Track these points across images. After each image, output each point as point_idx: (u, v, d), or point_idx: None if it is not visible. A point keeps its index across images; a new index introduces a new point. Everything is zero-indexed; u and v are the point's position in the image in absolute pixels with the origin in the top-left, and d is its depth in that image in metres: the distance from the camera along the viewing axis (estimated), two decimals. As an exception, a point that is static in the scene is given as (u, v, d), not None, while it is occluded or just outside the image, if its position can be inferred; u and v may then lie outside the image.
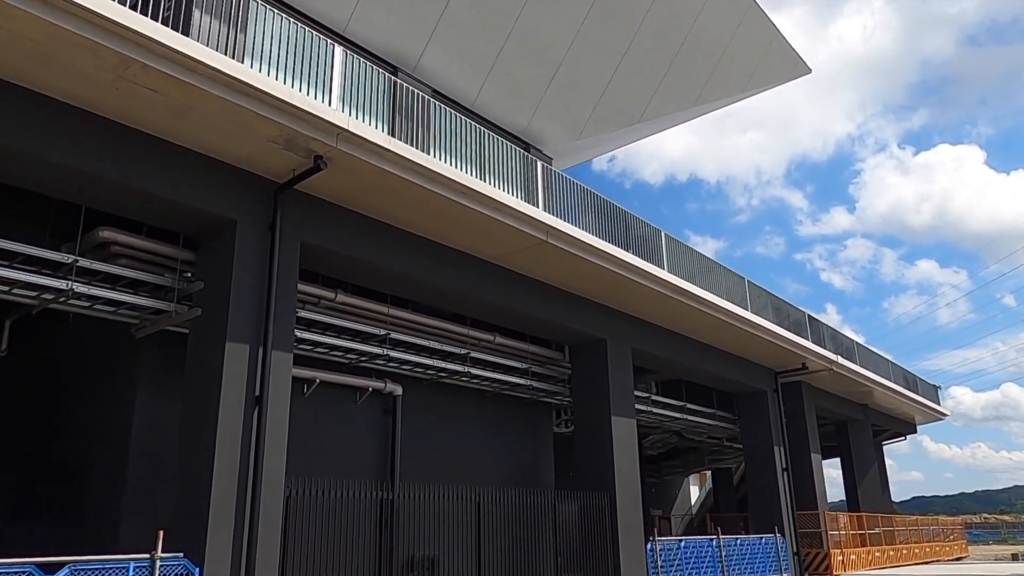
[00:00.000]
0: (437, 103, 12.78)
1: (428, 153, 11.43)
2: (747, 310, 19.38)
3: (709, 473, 41.41)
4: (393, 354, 13.51)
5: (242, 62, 9.54)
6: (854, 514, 25.45)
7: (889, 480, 37.78)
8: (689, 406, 22.01)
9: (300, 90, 9.83)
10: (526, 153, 14.00)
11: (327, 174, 10.31)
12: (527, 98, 19.31)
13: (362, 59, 10.97)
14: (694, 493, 46.11)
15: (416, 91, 12.36)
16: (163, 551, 8.23)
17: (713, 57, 22.29)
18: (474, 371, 14.78)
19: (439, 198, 11.21)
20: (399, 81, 12.14)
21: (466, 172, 12.09)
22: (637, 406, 19.34)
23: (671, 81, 21.75)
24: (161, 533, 8.21)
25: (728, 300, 18.54)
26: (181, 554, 8.43)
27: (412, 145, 11.07)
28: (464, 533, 12.85)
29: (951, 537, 36.75)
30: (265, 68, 9.77)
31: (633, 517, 15.77)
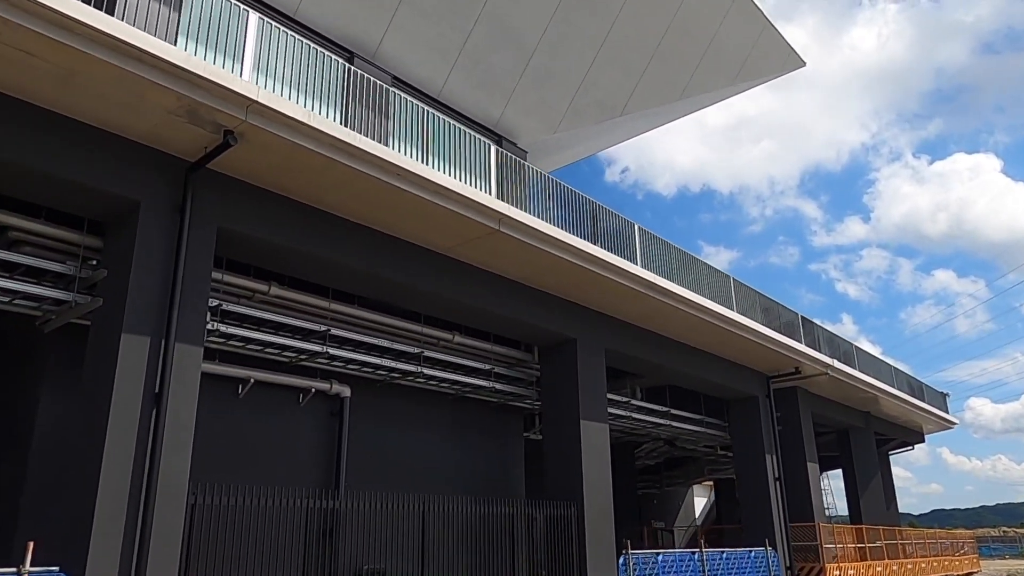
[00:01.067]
0: (394, 91, 11.91)
1: (389, 145, 10.66)
2: (732, 310, 18.33)
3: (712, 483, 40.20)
4: (336, 352, 12.60)
5: (175, 42, 8.79)
6: (852, 526, 24.17)
7: (910, 492, 36.78)
8: (674, 412, 20.91)
9: (210, 60, 9.01)
10: (479, 136, 13.08)
11: (243, 152, 9.48)
12: (499, 88, 18.45)
13: (280, 28, 10.12)
14: (699, 504, 44.77)
15: (371, 78, 11.48)
16: (36, 565, 7.35)
17: (699, 47, 21.35)
18: (428, 372, 13.82)
19: (367, 179, 10.31)
20: (353, 68, 11.27)
21: (415, 157, 11.22)
22: (615, 411, 18.36)
23: (654, 72, 20.83)
24: (31, 545, 7.30)
25: (711, 299, 17.52)
26: (57, 568, 7.53)
27: (370, 135, 10.25)
28: (412, 544, 11.91)
29: (962, 551, 35.28)
30: (192, 45, 9.03)
31: (603, 529, 14.73)
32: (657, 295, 15.62)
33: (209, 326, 10.55)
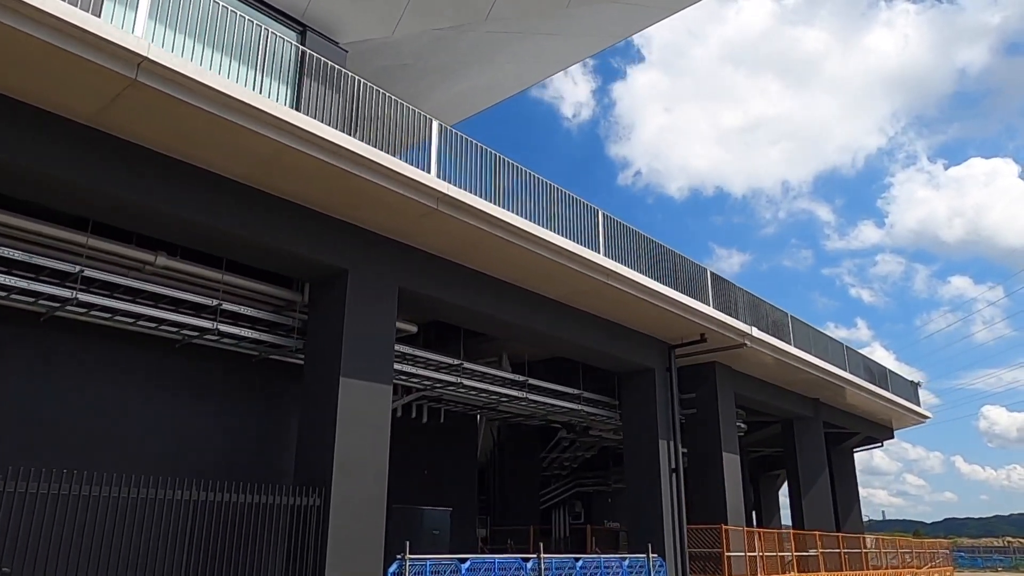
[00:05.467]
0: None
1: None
2: (597, 252, 14.34)
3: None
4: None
5: None
6: (776, 531, 20.06)
7: (923, 500, 32.66)
8: (534, 383, 16.90)
9: None
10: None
11: None
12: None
13: None
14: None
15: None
16: None
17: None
18: (85, 298, 9.87)
19: None
20: None
21: None
22: (437, 375, 14.45)
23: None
24: None
25: (566, 238, 13.58)
26: None
27: None
28: (93, 545, 8.13)
29: (936, 562, 31.12)
30: None
31: (362, 526, 10.80)
32: (463, 216, 11.67)
33: None
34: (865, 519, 29.80)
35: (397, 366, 13.89)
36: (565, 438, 25.52)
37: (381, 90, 11.83)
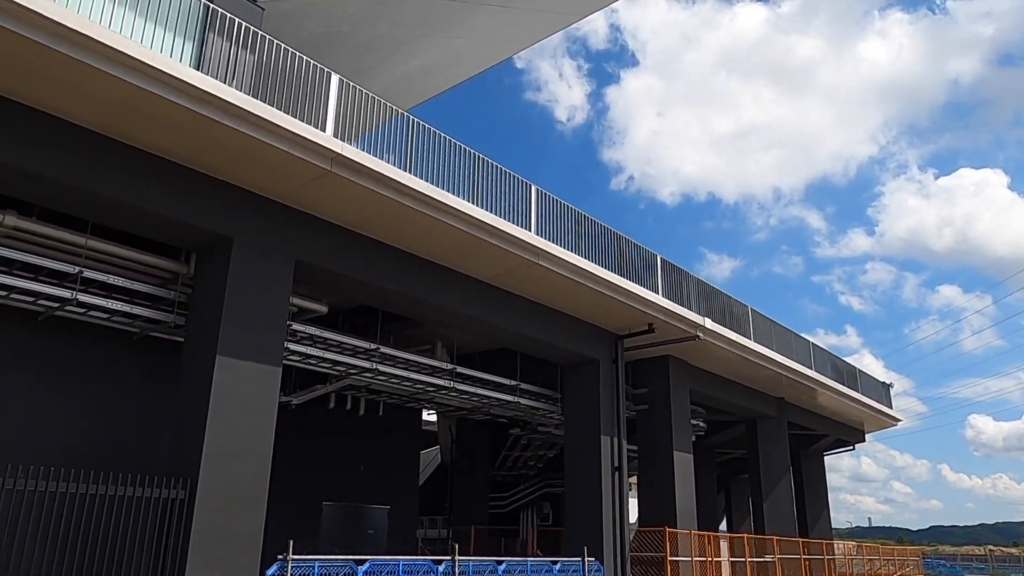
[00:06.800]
0: None
1: None
2: (528, 230, 13.21)
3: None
4: None
5: None
6: (728, 535, 18.97)
7: (909, 508, 31.55)
8: (461, 371, 15.73)
9: None
10: None
11: None
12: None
13: None
14: (634, 505, 39.66)
15: None
16: None
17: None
18: None
19: None
20: None
21: None
22: (352, 361, 13.28)
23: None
24: None
25: (496, 214, 12.46)
26: None
27: None
28: None
29: (906, 569, 30.15)
30: None
31: (236, 522, 9.60)
32: (363, 181, 10.51)
33: None
34: (851, 525, 29.06)
35: (304, 349, 12.73)
36: (515, 435, 24.36)
37: (289, 48, 10.70)
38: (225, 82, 9.38)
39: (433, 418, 26.48)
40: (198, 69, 9.76)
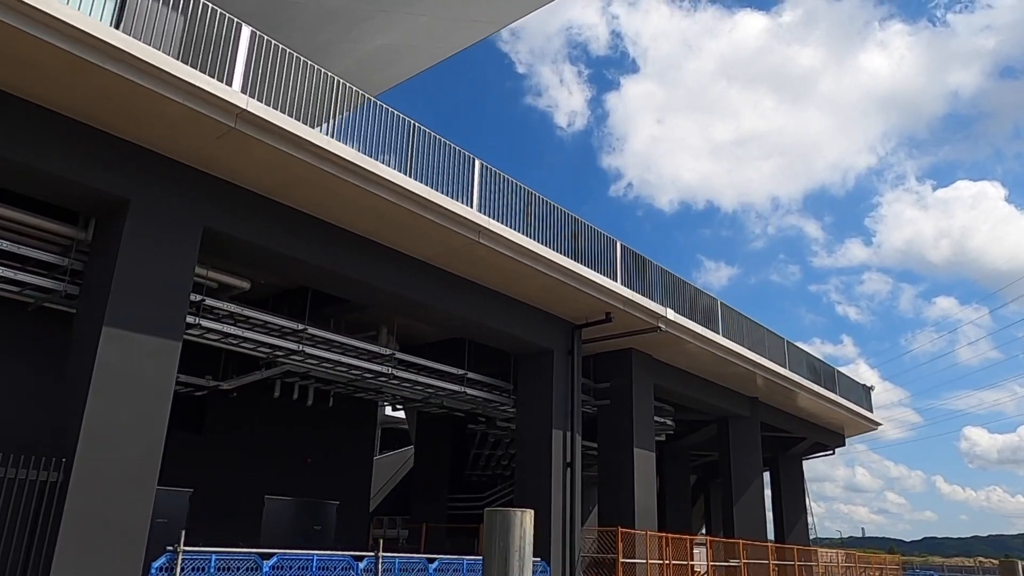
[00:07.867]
0: None
1: None
2: (469, 207, 12.38)
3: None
4: None
5: None
6: (682, 536, 18.11)
7: (903, 519, 30.89)
8: (401, 356, 14.87)
9: None
10: None
11: None
12: None
13: None
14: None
15: None
16: None
17: None
18: None
19: None
20: None
21: None
22: (278, 342, 12.43)
23: None
24: None
25: (435, 189, 11.65)
26: None
27: None
28: None
29: (886, 579, 29.32)
30: None
31: (118, 509, 8.74)
32: (271, 140, 9.67)
33: None
34: (845, 535, 28.23)
35: (220, 327, 11.87)
36: (478, 430, 23.47)
37: (220, 10, 9.88)
38: (151, 44, 8.60)
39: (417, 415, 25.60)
40: (118, 25, 9.02)
